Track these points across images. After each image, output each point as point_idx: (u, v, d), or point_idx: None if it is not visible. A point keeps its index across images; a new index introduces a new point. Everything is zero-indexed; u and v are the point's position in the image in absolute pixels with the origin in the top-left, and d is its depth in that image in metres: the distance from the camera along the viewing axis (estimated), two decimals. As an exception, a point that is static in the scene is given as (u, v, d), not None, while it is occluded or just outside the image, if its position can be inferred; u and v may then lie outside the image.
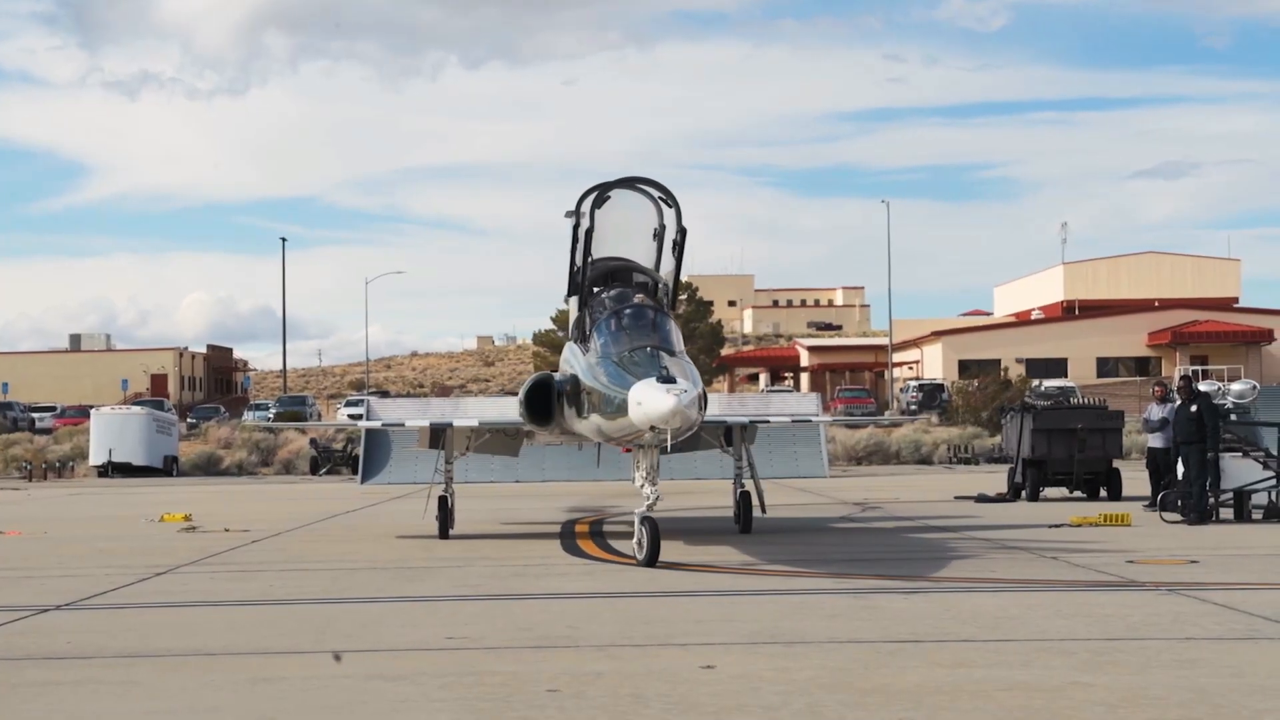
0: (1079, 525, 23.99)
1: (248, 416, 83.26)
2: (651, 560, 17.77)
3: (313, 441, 61.06)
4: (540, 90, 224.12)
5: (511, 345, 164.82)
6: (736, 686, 10.04)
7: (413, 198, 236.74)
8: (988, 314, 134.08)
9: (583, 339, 19.40)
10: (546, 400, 20.37)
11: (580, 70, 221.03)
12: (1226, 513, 25.22)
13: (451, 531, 23.35)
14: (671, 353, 18.08)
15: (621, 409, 17.27)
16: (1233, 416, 26.33)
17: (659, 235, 20.22)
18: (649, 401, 16.72)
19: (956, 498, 33.49)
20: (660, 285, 20.14)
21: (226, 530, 25.37)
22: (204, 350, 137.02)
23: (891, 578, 16.53)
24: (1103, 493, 32.30)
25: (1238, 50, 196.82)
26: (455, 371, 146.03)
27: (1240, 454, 25.99)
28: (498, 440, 24.67)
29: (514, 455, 25.59)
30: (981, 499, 32.37)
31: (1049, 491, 32.95)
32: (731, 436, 24.57)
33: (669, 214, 20.03)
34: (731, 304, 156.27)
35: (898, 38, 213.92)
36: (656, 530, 17.96)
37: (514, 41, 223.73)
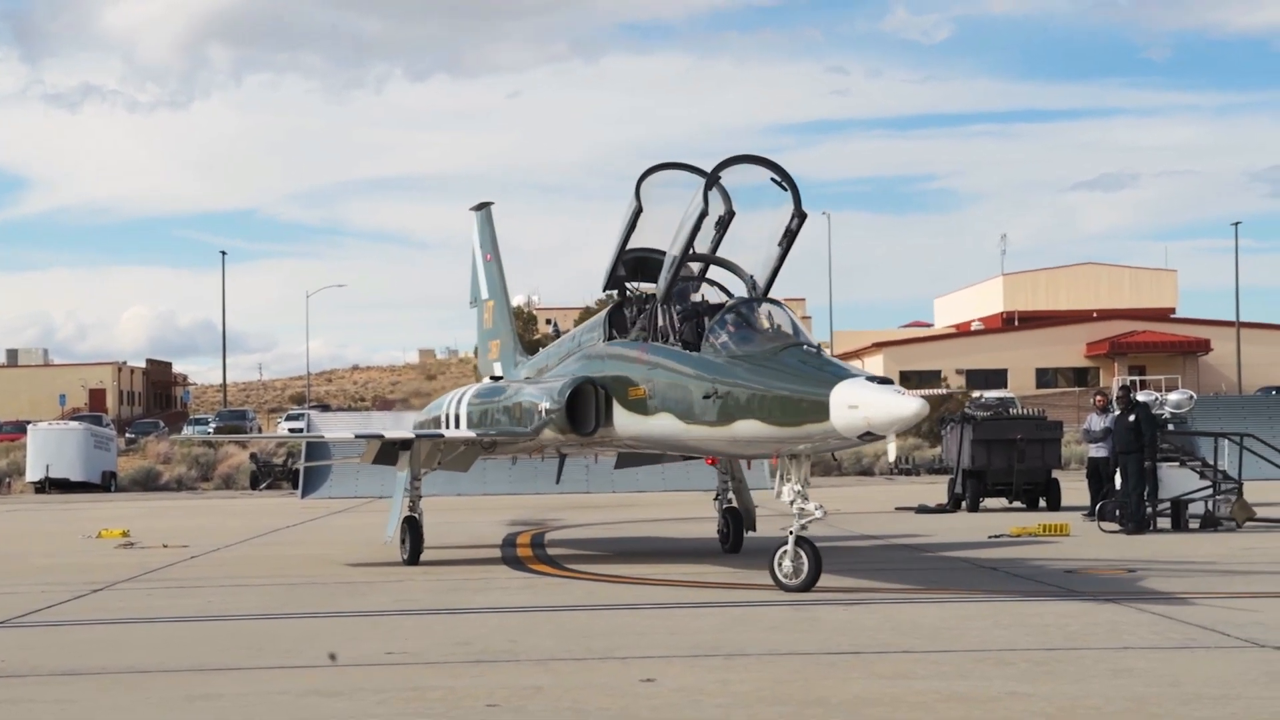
0: (1018, 536, 24.12)
1: (187, 431, 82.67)
2: (808, 586, 16.18)
3: (253, 456, 60.71)
4: (486, 102, 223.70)
5: (454, 359, 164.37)
6: (677, 700, 10.03)
7: (355, 210, 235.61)
8: (928, 325, 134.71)
9: (656, 337, 18.08)
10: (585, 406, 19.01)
11: (526, 82, 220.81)
12: (1164, 522, 25.41)
13: (422, 557, 20.98)
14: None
15: (810, 412, 15.44)
16: (1170, 426, 26.53)
17: (723, 223, 18.36)
18: (876, 404, 15.01)
19: (897, 509, 33.62)
20: (749, 278, 18.19)
21: (165, 546, 25.17)
22: (143, 365, 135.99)
23: (832, 589, 16.55)
24: (1042, 503, 32.51)
25: (1177, 63, 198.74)
26: (397, 385, 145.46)
27: (1177, 464, 26.19)
28: (469, 454, 22.44)
29: (464, 470, 23.56)
30: (922, 510, 32.51)
31: (989, 502, 33.12)
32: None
33: (785, 200, 17.63)
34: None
35: (841, 50, 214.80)
36: (818, 553, 16.42)
37: (459, 54, 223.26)
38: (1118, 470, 26.00)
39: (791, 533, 16.32)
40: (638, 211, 18.99)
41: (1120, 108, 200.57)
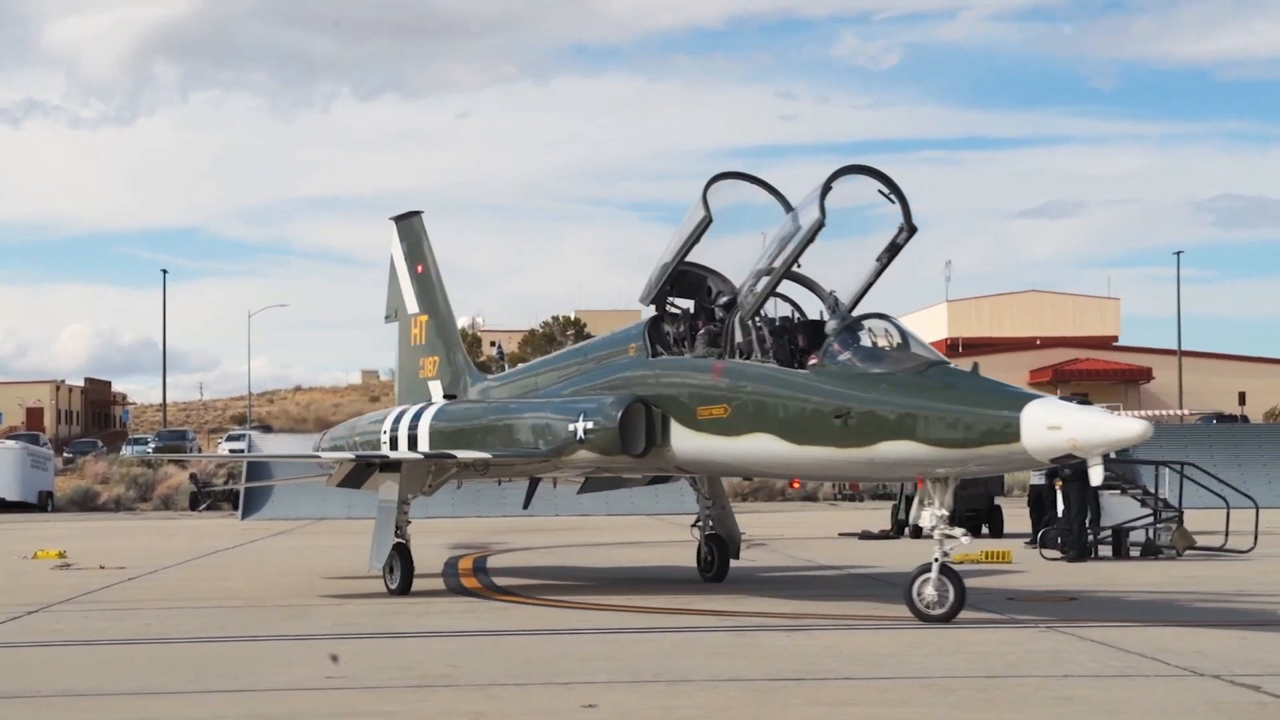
0: (960, 563, 24.15)
1: (126, 451, 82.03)
2: (950, 617, 15.52)
3: (192, 476, 60.30)
4: (433, 122, 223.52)
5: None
6: (618, 726, 9.98)
7: (299, 230, 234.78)
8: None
9: (732, 353, 17.37)
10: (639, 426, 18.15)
11: (475, 103, 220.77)
12: (1105, 550, 25.54)
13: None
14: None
15: (994, 433, 14.89)
16: (1112, 454, 26.65)
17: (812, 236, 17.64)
18: (1085, 425, 14.51)
19: (840, 534, 33.67)
20: (831, 295, 17.49)
21: (102, 568, 24.92)
22: (82, 384, 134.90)
23: (774, 615, 16.54)
24: (985, 530, 32.62)
25: (1123, 92, 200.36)
26: (339, 406, 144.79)
27: (1119, 491, 26.34)
28: (440, 476, 20.81)
29: (428, 495, 21.41)
30: (865, 536, 32.58)
31: (931, 528, 33.17)
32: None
33: (893, 211, 17.09)
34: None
35: (790, 75, 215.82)
36: (962, 582, 15.80)
37: (408, 73, 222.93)
38: (1060, 497, 26.11)
39: (936, 560, 15.70)
40: (706, 223, 18.22)
41: (1066, 136, 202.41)
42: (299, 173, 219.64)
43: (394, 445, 21.89)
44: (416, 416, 21.93)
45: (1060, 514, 25.93)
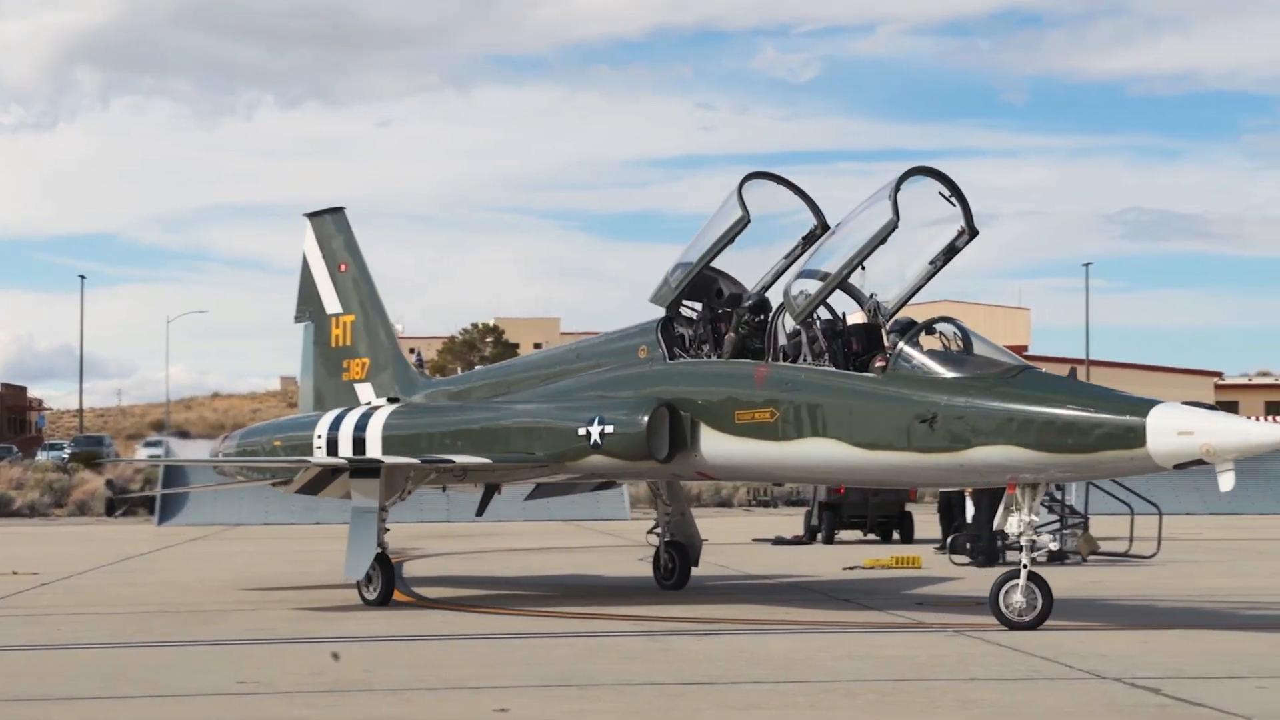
0: (872, 568, 24.44)
1: (41, 456, 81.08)
2: (1038, 624, 15.44)
3: (109, 482, 59.72)
4: (355, 131, 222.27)
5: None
6: (528, 729, 10.09)
7: (218, 237, 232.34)
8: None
9: (775, 356, 17.09)
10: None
11: (397, 111, 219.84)
12: (1014, 555, 25.83)
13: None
14: None
15: (1115, 438, 14.84)
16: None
17: (811, 238, 18.03)
18: (1222, 431, 14.55)
19: (754, 540, 33.90)
20: (871, 299, 17.27)
21: (14, 573, 24.70)
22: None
23: (686, 619, 16.69)
24: (896, 535, 32.94)
25: (1034, 106, 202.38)
26: (257, 412, 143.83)
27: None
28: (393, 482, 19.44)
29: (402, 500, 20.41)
30: (778, 541, 32.83)
31: (844, 534, 33.50)
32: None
33: (954, 214, 16.87)
34: (537, 346, 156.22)
35: (710, 87, 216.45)
36: (1049, 589, 15.67)
37: (331, 82, 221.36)
38: (970, 504, 26.44)
39: (1024, 566, 15.62)
40: (744, 223, 17.85)
41: (978, 149, 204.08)
42: (219, 180, 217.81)
43: (333, 449, 20.94)
44: (364, 419, 20.88)
45: (970, 520, 26.24)
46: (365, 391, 22.90)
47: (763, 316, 17.86)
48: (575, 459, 18.46)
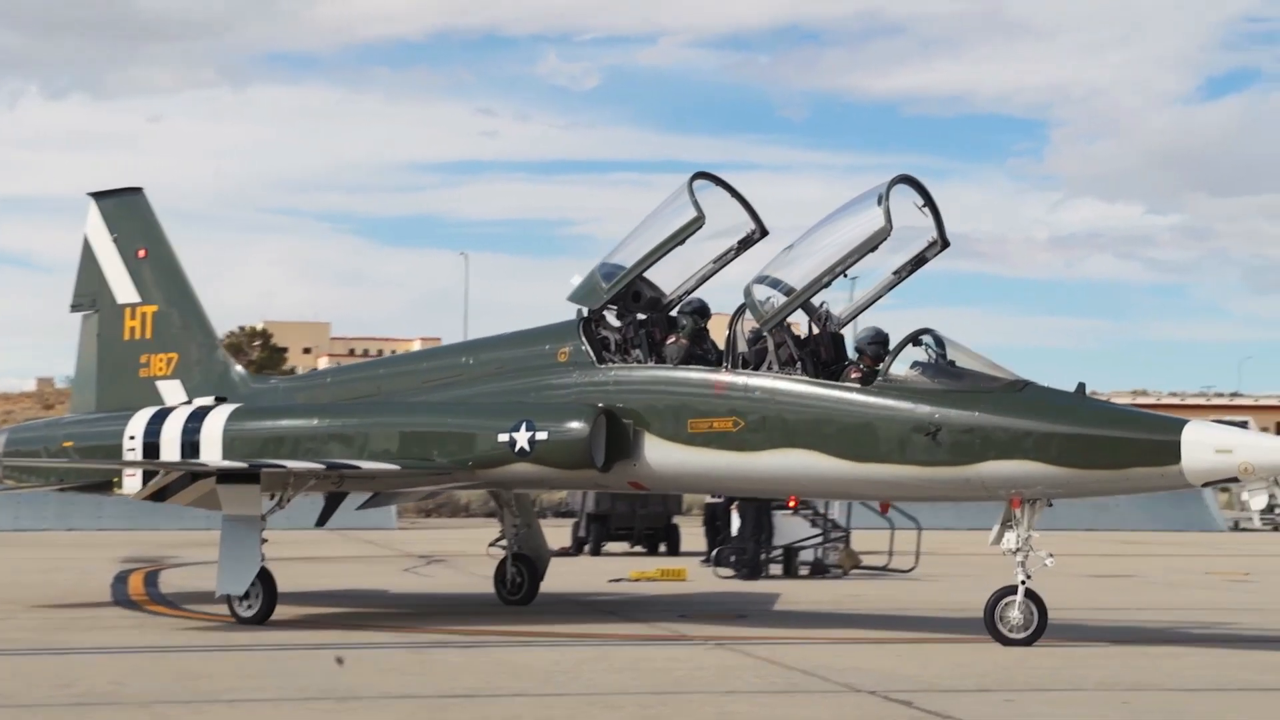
0: (637, 580, 24.53)
1: None
2: (1034, 640, 15.39)
3: None
4: (125, 125, 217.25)
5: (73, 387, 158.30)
6: (283, 744, 9.90)
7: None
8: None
9: (738, 363, 16.53)
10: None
11: (170, 106, 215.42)
12: (776, 569, 26.19)
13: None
14: None
15: (1147, 454, 14.88)
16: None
17: (747, 242, 17.54)
18: (1263, 449, 14.71)
19: (488, 547, 33.73)
20: (823, 307, 17.00)
21: None
22: None
23: (449, 631, 16.58)
24: (662, 547, 33.13)
25: (812, 123, 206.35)
26: (10, 414, 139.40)
27: (791, 511, 27.02)
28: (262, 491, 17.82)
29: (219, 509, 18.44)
30: (546, 553, 32.74)
31: (611, 545, 33.60)
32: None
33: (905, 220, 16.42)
34: (306, 351, 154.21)
35: (491, 92, 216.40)
36: (1044, 606, 15.56)
37: (101, 74, 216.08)
38: (735, 517, 26.68)
39: (1023, 583, 15.47)
40: (698, 223, 17.13)
41: (756, 163, 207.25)
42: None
43: (151, 453, 19.15)
44: (195, 419, 19.08)
45: (735, 533, 26.51)
46: (171, 389, 20.81)
47: (703, 322, 17.39)
48: (493, 467, 17.48)
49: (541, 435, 16.96)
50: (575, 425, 16.79)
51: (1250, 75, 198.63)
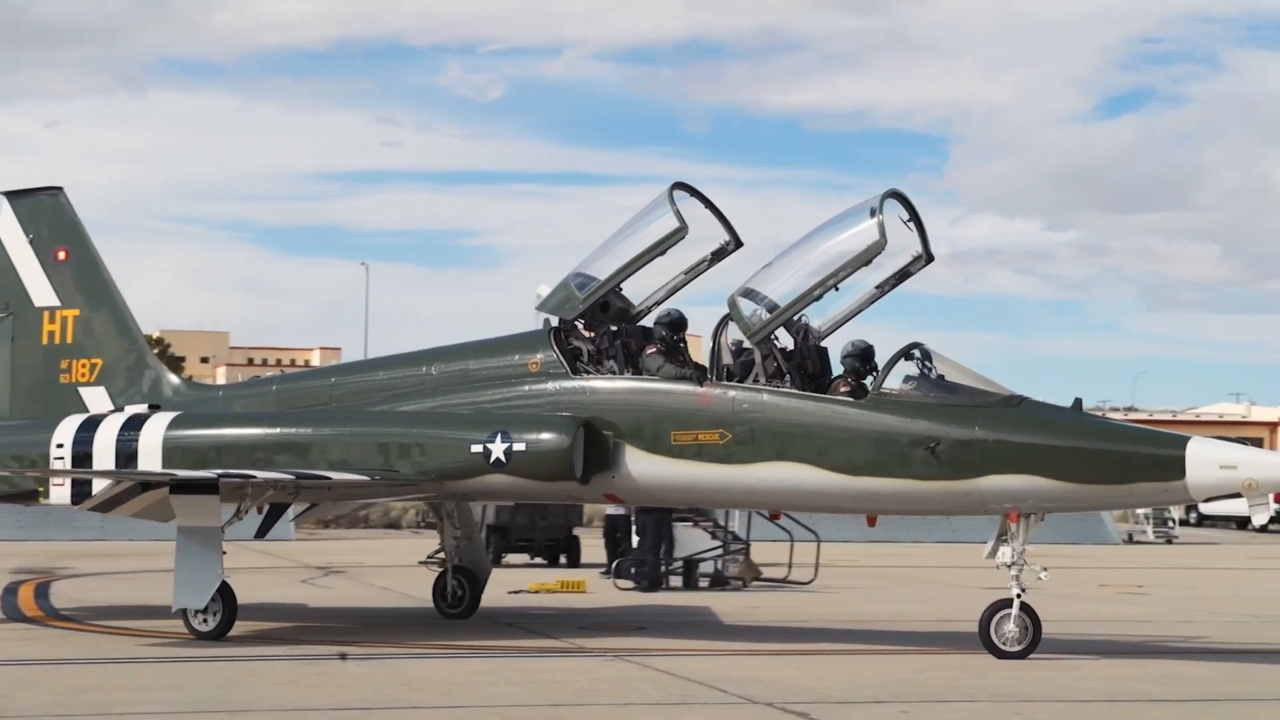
0: (537, 591, 24.47)
1: None
2: (1027, 653, 15.50)
3: None
4: (20, 130, 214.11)
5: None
6: (174, 758, 9.79)
7: None
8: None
9: (722, 375, 16.47)
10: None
11: (66, 111, 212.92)
12: (677, 580, 26.23)
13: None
14: None
15: (1150, 469, 15.13)
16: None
17: (721, 253, 17.48)
18: (1266, 465, 15.04)
19: (420, 562, 33.55)
20: (801, 321, 16.92)
21: None
22: None
23: (349, 644, 16.44)
24: (563, 559, 33.09)
25: (713, 136, 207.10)
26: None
27: (691, 523, 27.10)
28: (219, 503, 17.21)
29: (164, 521, 17.94)
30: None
31: (511, 557, 33.49)
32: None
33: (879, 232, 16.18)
34: (204, 360, 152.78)
35: (394, 102, 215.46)
36: (1038, 619, 15.69)
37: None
38: (635, 528, 26.71)
39: (1018, 596, 15.57)
40: (681, 234, 17.04)
41: (659, 176, 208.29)
42: None
43: (83, 462, 18.48)
44: (131, 427, 18.46)
45: (635, 545, 26.53)
46: (95, 396, 20.06)
47: (680, 334, 17.26)
48: (464, 478, 17.14)
49: (519, 446, 16.69)
50: (556, 436, 16.57)
51: (1145, 95, 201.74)
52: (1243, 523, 59.51)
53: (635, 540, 26.65)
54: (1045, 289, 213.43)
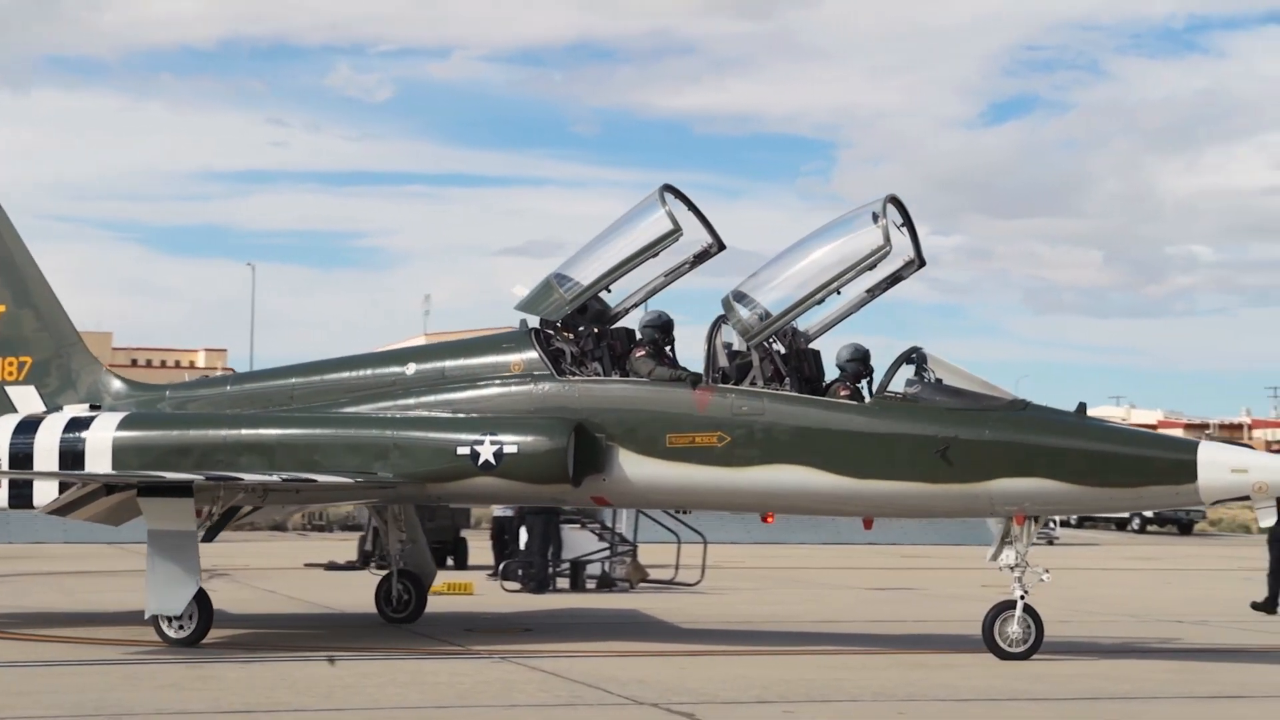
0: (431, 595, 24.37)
1: None
2: (1030, 654, 15.71)
3: None
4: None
5: None
6: (53, 762, 9.68)
7: None
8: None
9: (716, 378, 16.34)
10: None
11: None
12: (564, 582, 26.26)
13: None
14: None
15: (1162, 473, 15.34)
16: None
17: (703, 256, 17.41)
18: (1274, 469, 15.27)
19: (306, 565, 33.38)
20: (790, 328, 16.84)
21: None
22: None
23: (229, 647, 16.31)
24: (450, 561, 32.98)
25: (604, 139, 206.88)
26: None
27: (578, 525, 27.14)
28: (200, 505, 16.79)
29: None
30: (331, 566, 32.41)
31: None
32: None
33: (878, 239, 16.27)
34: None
35: (282, 102, 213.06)
36: (1041, 620, 15.88)
37: None
38: (523, 530, 26.70)
39: (1021, 597, 15.73)
40: (675, 236, 16.92)
41: (549, 178, 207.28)
42: None
43: (22, 463, 17.84)
44: (76, 428, 17.92)
45: (522, 546, 26.52)
46: (24, 396, 19.33)
47: (668, 336, 17.06)
48: (449, 480, 16.88)
49: (510, 448, 16.48)
50: (550, 439, 16.38)
51: (1029, 102, 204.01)
52: (1121, 524, 60.53)
53: (523, 542, 26.64)
54: (930, 292, 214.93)
